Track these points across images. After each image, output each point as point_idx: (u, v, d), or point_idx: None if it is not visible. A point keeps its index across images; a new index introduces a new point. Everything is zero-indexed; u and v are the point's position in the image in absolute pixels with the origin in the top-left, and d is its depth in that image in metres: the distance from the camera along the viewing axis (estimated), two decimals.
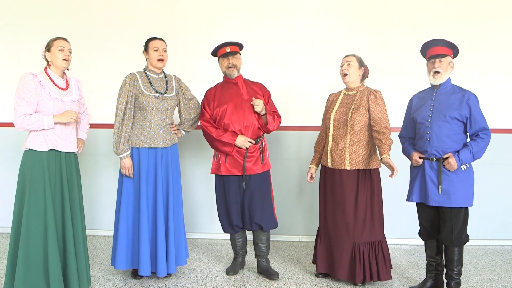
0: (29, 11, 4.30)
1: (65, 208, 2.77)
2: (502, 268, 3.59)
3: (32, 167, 2.70)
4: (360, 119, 3.07)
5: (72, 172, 2.85)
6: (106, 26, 4.26)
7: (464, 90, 2.89)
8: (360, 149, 3.07)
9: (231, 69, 3.22)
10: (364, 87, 3.19)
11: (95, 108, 4.22)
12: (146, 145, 3.09)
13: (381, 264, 3.08)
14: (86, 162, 4.26)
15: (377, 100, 3.08)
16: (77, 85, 2.96)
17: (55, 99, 2.75)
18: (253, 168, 3.20)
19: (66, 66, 2.83)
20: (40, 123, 2.69)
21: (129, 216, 3.10)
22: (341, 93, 3.27)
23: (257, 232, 3.29)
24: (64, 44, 2.82)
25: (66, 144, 2.81)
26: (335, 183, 3.13)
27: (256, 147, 3.22)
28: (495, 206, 4.13)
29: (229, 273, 3.34)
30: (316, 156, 3.35)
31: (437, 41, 2.91)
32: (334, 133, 3.14)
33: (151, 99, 3.09)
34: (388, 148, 2.99)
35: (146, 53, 3.18)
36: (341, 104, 3.19)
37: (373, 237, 3.09)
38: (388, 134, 3.03)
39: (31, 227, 2.65)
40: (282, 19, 4.20)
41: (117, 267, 3.09)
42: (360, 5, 4.17)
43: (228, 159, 3.21)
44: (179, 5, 4.25)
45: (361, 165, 3.07)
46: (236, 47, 3.25)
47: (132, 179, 3.10)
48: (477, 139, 2.81)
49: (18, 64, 4.26)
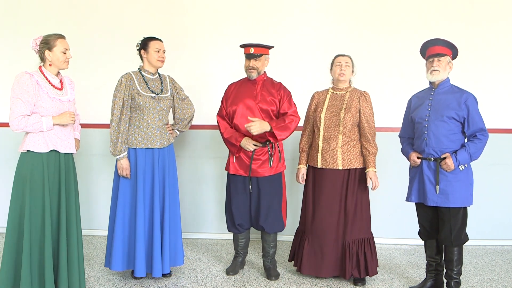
0: (27, 10, 4.30)
1: (61, 209, 2.72)
2: (502, 268, 3.59)
3: (32, 169, 2.63)
4: (352, 119, 3.09)
5: (70, 173, 2.81)
6: (103, 26, 4.26)
7: (462, 90, 2.89)
8: (351, 148, 3.11)
9: (250, 71, 3.20)
10: (352, 87, 3.22)
11: (92, 108, 4.23)
12: (143, 145, 3.08)
13: (369, 260, 3.13)
14: (83, 162, 4.27)
15: (367, 103, 3.14)
16: (71, 85, 2.88)
17: (53, 99, 2.68)
18: (259, 171, 3.18)
19: (67, 67, 2.76)
20: (39, 125, 2.61)
21: (126, 217, 3.08)
22: (328, 92, 3.26)
23: (263, 234, 3.30)
24: (67, 45, 2.74)
25: (66, 145, 2.76)
26: (325, 183, 3.13)
27: (264, 150, 3.19)
28: (495, 206, 4.12)
29: (229, 273, 3.35)
30: (304, 156, 3.32)
31: (437, 40, 2.91)
32: (325, 132, 3.14)
33: (148, 99, 3.07)
34: (374, 159, 3.12)
35: (145, 52, 3.12)
36: (330, 103, 3.18)
37: (362, 234, 3.14)
38: (374, 141, 3.14)
39: (32, 229, 2.62)
40: (285, 19, 4.20)
41: (113, 268, 3.07)
42: (360, 5, 4.17)
43: (236, 158, 3.22)
44: (177, 5, 4.25)
45: (352, 164, 3.10)
46: (262, 49, 3.19)
47: (129, 180, 3.09)
48: (475, 140, 2.82)
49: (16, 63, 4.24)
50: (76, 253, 2.78)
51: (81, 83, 4.16)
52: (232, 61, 4.06)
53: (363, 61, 4.12)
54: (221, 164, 4.20)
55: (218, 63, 4.21)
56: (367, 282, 3.20)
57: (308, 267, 3.19)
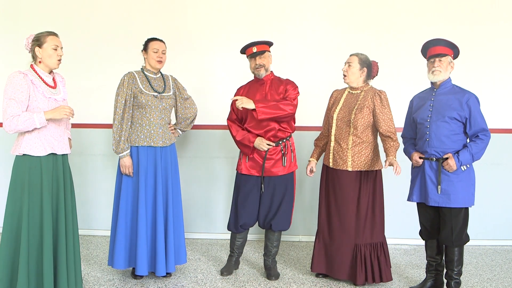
0: (25, 10, 4.28)
1: (59, 211, 2.67)
2: (502, 268, 3.59)
3: (29, 173, 2.55)
4: (363, 120, 3.04)
5: (66, 174, 2.75)
6: (105, 26, 4.24)
7: (464, 91, 2.88)
8: (362, 150, 3.06)
9: (258, 70, 3.20)
10: (369, 87, 3.15)
11: (93, 108, 4.22)
12: (146, 143, 3.09)
13: (383, 265, 3.08)
14: (84, 162, 4.26)
15: (382, 102, 3.04)
16: (62, 82, 2.78)
17: (49, 99, 2.59)
18: (272, 170, 3.19)
19: (58, 67, 2.67)
20: (31, 121, 2.48)
21: (128, 215, 3.09)
22: (345, 90, 3.23)
23: (268, 231, 3.30)
24: (58, 42, 2.63)
25: (62, 146, 2.68)
26: (336, 183, 3.12)
27: (277, 149, 3.20)
28: (495, 206, 4.12)
29: (223, 273, 3.34)
30: (317, 150, 3.32)
31: (438, 40, 2.91)
32: (337, 133, 3.12)
33: (150, 97, 3.08)
34: (394, 151, 2.99)
35: (145, 53, 3.16)
36: (344, 103, 3.15)
37: (374, 239, 3.08)
38: (395, 138, 3.02)
39: (30, 232, 2.57)
40: (286, 19, 4.19)
41: (115, 266, 3.08)
42: (362, 5, 4.16)
43: (249, 159, 3.23)
44: (180, 5, 4.24)
45: (363, 166, 3.05)
46: (264, 45, 3.20)
47: (131, 178, 3.09)
48: (477, 140, 2.81)
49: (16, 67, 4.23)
50: (72, 253, 2.74)
51: (82, 83, 4.18)
52: (235, 61, 4.05)
53: None
54: (223, 164, 4.21)
55: (221, 63, 4.20)
56: (368, 283, 3.20)
57: (319, 266, 3.18)
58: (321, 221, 3.22)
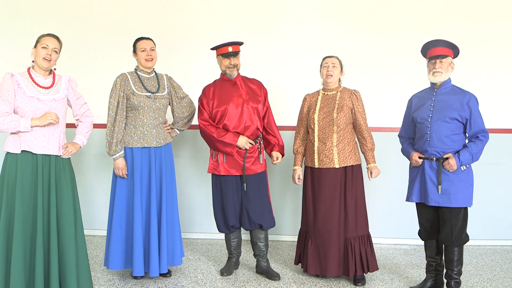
0: (26, 12, 4.29)
1: (51, 212, 2.64)
2: (502, 268, 3.59)
3: (9, 170, 2.61)
4: (345, 119, 3.14)
5: (59, 174, 2.70)
6: (102, 27, 4.25)
7: (464, 91, 2.89)
8: (345, 146, 3.14)
9: (231, 69, 3.21)
10: (342, 87, 3.26)
11: (91, 108, 4.18)
12: (139, 144, 3.09)
13: (370, 256, 3.16)
14: (83, 162, 4.26)
15: (358, 101, 3.19)
16: (69, 84, 2.81)
17: (30, 98, 2.61)
18: (252, 168, 3.20)
19: (46, 66, 2.66)
20: (16, 123, 2.57)
21: (123, 216, 3.09)
22: (319, 93, 3.29)
23: (255, 232, 3.28)
24: (50, 42, 2.65)
25: (43, 145, 2.64)
26: (323, 182, 3.15)
27: (255, 147, 3.23)
28: (495, 206, 4.12)
29: (223, 273, 3.33)
30: (300, 157, 3.35)
31: (438, 41, 2.91)
32: (320, 133, 3.17)
33: (143, 98, 3.08)
34: (373, 155, 3.21)
35: (135, 54, 3.18)
36: (322, 104, 3.22)
37: (361, 231, 3.17)
38: (371, 138, 3.21)
39: (15, 233, 2.57)
40: (279, 19, 4.19)
41: (110, 267, 3.08)
42: (358, 5, 4.16)
43: (227, 159, 3.21)
44: (177, 5, 4.24)
45: (348, 161, 3.14)
46: (238, 46, 3.23)
47: (126, 179, 3.10)
48: (476, 141, 2.82)
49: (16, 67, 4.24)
50: (73, 254, 2.72)
51: (80, 83, 4.14)
52: None
53: (362, 61, 4.13)
54: None
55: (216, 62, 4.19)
56: (367, 282, 3.20)
57: (313, 267, 3.20)
58: (309, 223, 3.23)
